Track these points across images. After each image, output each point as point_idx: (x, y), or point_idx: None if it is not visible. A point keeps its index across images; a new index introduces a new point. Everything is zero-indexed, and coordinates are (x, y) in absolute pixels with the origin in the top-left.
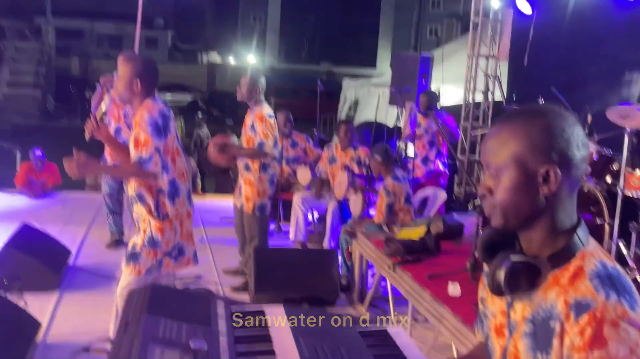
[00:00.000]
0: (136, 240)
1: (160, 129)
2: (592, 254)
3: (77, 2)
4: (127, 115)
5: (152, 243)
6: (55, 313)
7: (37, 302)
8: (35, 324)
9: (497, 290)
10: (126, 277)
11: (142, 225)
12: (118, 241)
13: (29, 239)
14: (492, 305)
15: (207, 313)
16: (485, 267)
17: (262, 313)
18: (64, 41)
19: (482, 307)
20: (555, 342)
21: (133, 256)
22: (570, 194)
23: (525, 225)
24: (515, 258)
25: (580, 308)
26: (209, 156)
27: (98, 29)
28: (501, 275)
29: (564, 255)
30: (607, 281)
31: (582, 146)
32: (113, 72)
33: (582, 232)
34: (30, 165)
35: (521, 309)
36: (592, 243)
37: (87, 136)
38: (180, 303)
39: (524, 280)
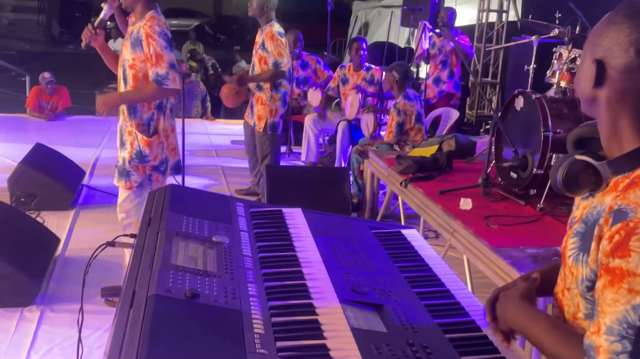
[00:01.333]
0: (124, 154)
1: (171, 42)
2: None
3: None
4: None
5: (140, 157)
6: (72, 229)
7: (54, 219)
8: (54, 240)
9: (555, 186)
10: (121, 192)
11: (128, 137)
12: None
13: (43, 158)
14: (577, 199)
15: (228, 212)
16: None
17: (280, 212)
18: None
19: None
20: (593, 244)
21: (123, 173)
22: (625, 99)
23: (591, 113)
24: (579, 156)
25: (619, 215)
26: (225, 100)
27: None
28: (561, 172)
29: (629, 161)
30: None
31: None
32: None
33: None
34: (41, 89)
35: (582, 208)
36: None
37: (83, 44)
38: (200, 203)
39: (583, 180)
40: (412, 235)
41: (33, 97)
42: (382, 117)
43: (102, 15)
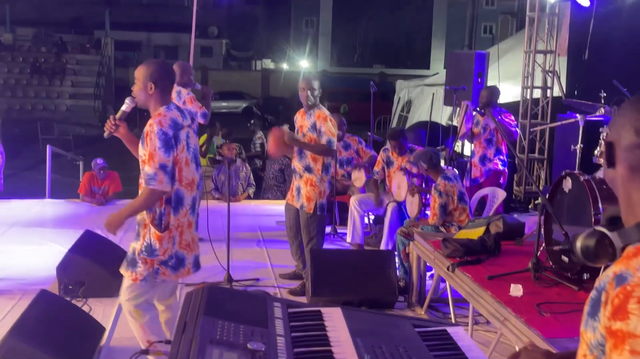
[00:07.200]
0: (135, 245)
1: (169, 143)
2: None
3: (134, 15)
4: None
5: (150, 251)
6: (117, 318)
7: (101, 307)
8: (99, 329)
9: (574, 256)
10: (125, 281)
11: (142, 230)
12: None
13: (92, 245)
14: None
15: (264, 315)
16: None
17: (319, 313)
18: (122, 53)
19: None
20: (602, 310)
21: (131, 263)
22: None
23: (616, 193)
24: (598, 228)
25: (620, 279)
26: (270, 140)
27: (154, 40)
28: (579, 241)
29: (638, 230)
30: None
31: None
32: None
33: None
34: (93, 174)
35: (598, 279)
36: None
37: (105, 134)
38: (237, 305)
39: (601, 250)
40: (459, 335)
41: (85, 182)
42: (427, 198)
43: (123, 107)
